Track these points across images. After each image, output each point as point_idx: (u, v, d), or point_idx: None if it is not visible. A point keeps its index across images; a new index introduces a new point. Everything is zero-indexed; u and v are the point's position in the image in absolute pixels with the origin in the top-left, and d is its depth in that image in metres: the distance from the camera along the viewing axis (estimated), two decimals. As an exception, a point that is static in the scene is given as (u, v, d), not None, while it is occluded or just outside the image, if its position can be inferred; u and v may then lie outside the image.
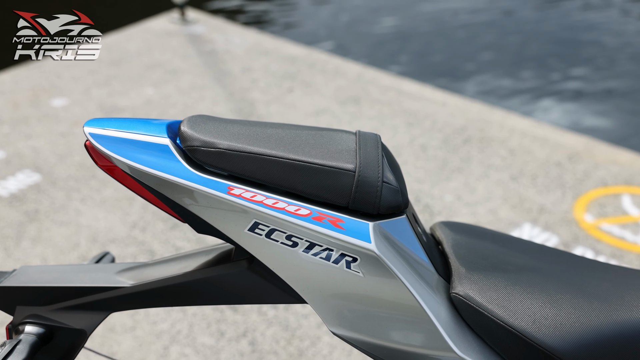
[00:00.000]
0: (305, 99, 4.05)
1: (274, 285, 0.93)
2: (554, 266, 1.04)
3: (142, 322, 2.42)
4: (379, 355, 0.91)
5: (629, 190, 3.19)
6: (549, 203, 3.10)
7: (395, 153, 3.47)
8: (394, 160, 0.98)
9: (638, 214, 3.03)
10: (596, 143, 3.62)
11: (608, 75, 5.17)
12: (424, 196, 3.14)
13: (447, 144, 3.57)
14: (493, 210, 3.06)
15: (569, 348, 0.87)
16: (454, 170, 3.34)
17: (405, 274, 0.86)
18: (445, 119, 3.81)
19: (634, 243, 2.86)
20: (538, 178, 3.28)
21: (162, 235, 2.85)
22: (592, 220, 2.99)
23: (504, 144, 3.56)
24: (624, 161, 3.42)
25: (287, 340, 2.36)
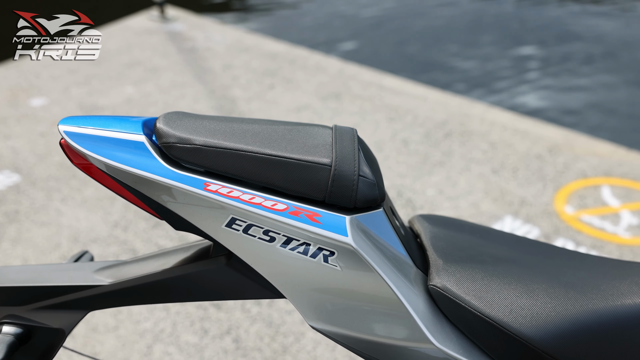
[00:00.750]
0: (287, 95, 4.05)
1: (253, 281, 0.93)
2: (531, 257, 1.04)
3: (125, 321, 2.41)
4: (358, 348, 0.91)
5: (608, 182, 3.22)
6: (529, 195, 3.12)
7: (377, 148, 3.48)
8: (370, 153, 0.98)
9: (617, 205, 3.06)
10: (576, 135, 3.65)
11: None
12: (406, 191, 3.15)
13: (428, 138, 3.58)
14: (475, 204, 3.07)
15: (546, 337, 0.88)
16: (436, 165, 3.36)
17: (383, 267, 0.87)
18: (427, 113, 3.83)
19: (613, 234, 2.89)
20: (519, 171, 3.30)
21: (144, 234, 2.83)
22: (572, 212, 3.01)
23: (485, 138, 3.58)
24: (603, 153, 3.45)
25: (271, 336, 2.36)
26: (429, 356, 0.89)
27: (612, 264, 1.08)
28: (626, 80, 4.96)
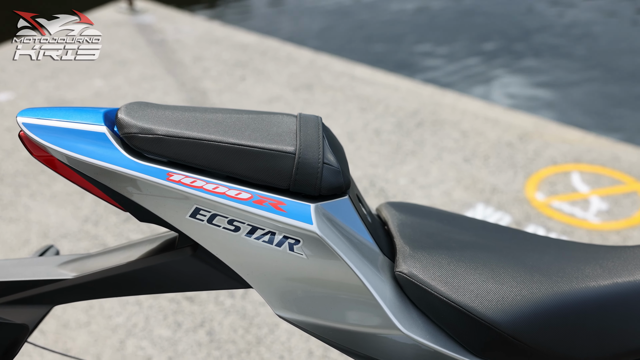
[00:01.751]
0: (258, 86, 4.03)
1: (219, 271, 0.92)
2: (498, 242, 1.05)
3: (97, 316, 2.39)
4: (326, 336, 0.91)
5: (578, 168, 3.25)
6: (501, 183, 3.14)
7: (349, 138, 3.48)
8: (336, 141, 0.98)
9: (587, 191, 3.09)
10: (546, 122, 3.68)
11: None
12: (379, 180, 3.16)
13: (400, 127, 3.58)
14: (447, 192, 3.09)
15: (512, 321, 0.88)
16: (408, 154, 3.37)
17: (349, 254, 0.86)
18: (398, 103, 3.83)
19: (583, 219, 2.92)
20: (490, 159, 3.32)
21: (115, 228, 2.81)
22: (543, 199, 3.04)
23: (457, 126, 3.59)
24: (573, 139, 3.48)
25: (245, 328, 2.36)
26: (396, 342, 0.89)
27: (577, 248, 1.09)
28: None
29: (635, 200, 3.03)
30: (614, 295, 0.95)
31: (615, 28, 5.70)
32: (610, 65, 4.98)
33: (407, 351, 0.90)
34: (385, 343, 0.89)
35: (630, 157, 3.32)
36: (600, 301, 0.94)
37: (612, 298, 0.95)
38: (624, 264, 1.01)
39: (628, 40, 5.45)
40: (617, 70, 4.90)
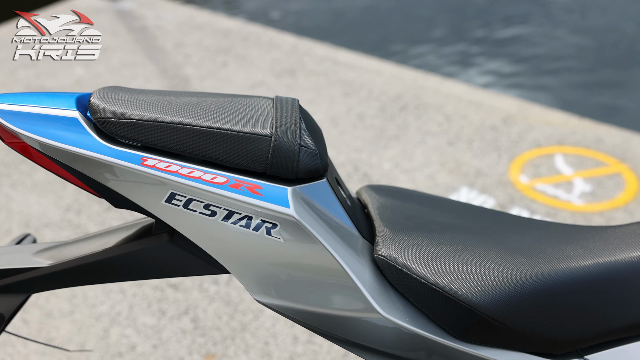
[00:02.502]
0: (240, 72, 4.00)
1: (196, 257, 0.91)
2: (478, 224, 1.04)
3: (81, 305, 2.37)
4: (305, 320, 0.90)
5: (561, 150, 3.26)
6: (485, 166, 3.14)
7: (333, 123, 3.47)
8: (314, 124, 0.97)
9: (570, 173, 3.10)
10: (529, 105, 3.68)
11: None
12: (363, 165, 3.15)
13: (383, 112, 3.57)
14: (431, 176, 3.08)
15: (492, 302, 0.88)
16: (392, 138, 3.36)
17: (327, 238, 0.86)
18: (381, 87, 3.82)
19: (567, 201, 2.93)
20: (474, 142, 3.32)
21: (97, 217, 2.78)
22: (526, 181, 3.04)
23: (440, 110, 3.59)
24: (556, 122, 3.49)
25: (229, 315, 2.35)
26: (376, 325, 0.88)
27: (559, 228, 1.09)
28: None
29: (619, 181, 3.04)
30: (595, 276, 0.95)
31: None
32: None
33: (388, 334, 0.89)
34: (365, 327, 0.89)
35: (613, 139, 3.33)
36: (581, 282, 0.94)
37: (593, 278, 0.94)
38: (605, 244, 1.01)
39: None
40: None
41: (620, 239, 1.02)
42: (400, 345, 0.90)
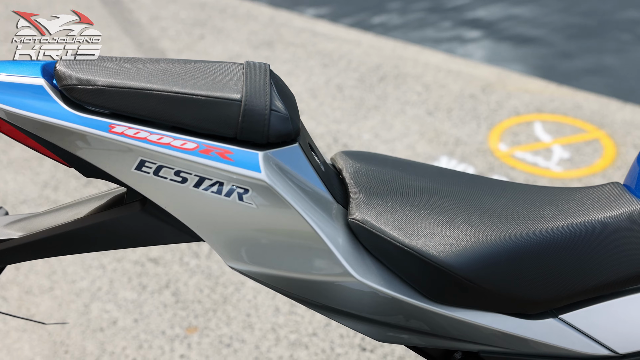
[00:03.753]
0: (218, 45, 3.96)
1: (169, 225, 0.90)
2: (453, 187, 1.04)
3: (60, 281, 2.36)
4: (280, 286, 0.90)
5: (540, 118, 3.27)
6: (464, 135, 3.15)
7: (312, 95, 3.45)
8: (286, 88, 0.96)
9: (549, 140, 3.11)
10: (508, 73, 3.68)
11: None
12: (342, 136, 3.14)
13: (363, 82, 3.56)
14: (410, 146, 3.08)
15: (466, 264, 0.88)
16: (371, 109, 3.35)
17: (299, 202, 0.85)
18: (360, 58, 3.80)
19: (546, 168, 2.94)
20: (453, 111, 3.32)
21: (75, 192, 2.76)
22: (506, 149, 3.05)
23: (419, 80, 3.58)
24: (535, 89, 3.49)
25: (210, 288, 2.35)
26: (351, 289, 0.88)
27: (533, 190, 1.09)
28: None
29: (597, 147, 3.06)
30: (568, 236, 0.95)
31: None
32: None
33: (363, 298, 0.89)
34: (340, 291, 0.89)
35: (591, 105, 3.34)
36: (555, 242, 0.94)
37: (567, 238, 0.95)
38: (580, 204, 1.01)
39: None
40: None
41: (594, 200, 1.02)
42: (376, 308, 0.90)
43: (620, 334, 0.94)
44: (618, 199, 1.01)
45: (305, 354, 2.12)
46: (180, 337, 2.17)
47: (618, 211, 0.98)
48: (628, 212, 0.98)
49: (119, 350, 2.11)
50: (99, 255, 2.45)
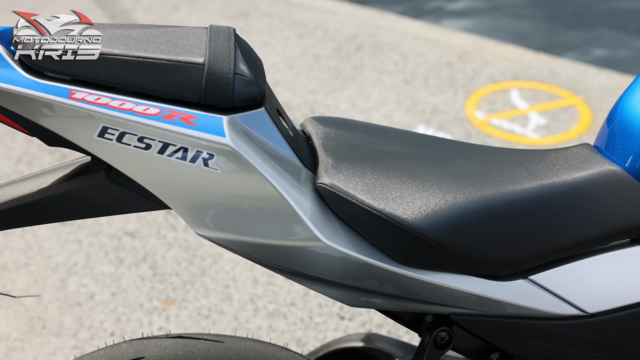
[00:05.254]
0: (192, 16, 3.91)
1: (135, 193, 0.89)
2: (423, 151, 1.04)
3: (36, 257, 2.34)
4: (249, 252, 0.89)
5: (517, 85, 3.27)
6: (441, 103, 3.14)
7: (288, 65, 3.42)
8: (252, 53, 0.94)
9: (526, 107, 3.11)
10: (485, 41, 3.67)
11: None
12: (319, 106, 3.13)
13: (339, 52, 3.53)
14: (387, 115, 3.08)
15: (435, 226, 0.88)
16: (348, 79, 3.33)
17: (266, 167, 0.84)
18: (337, 27, 3.77)
19: (522, 135, 2.95)
20: (430, 79, 3.31)
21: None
22: (482, 117, 3.05)
23: (396, 49, 3.56)
24: (512, 57, 3.49)
25: (188, 260, 2.34)
26: (320, 254, 0.88)
27: (505, 153, 1.09)
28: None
29: (573, 114, 3.07)
30: (538, 197, 0.95)
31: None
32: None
33: (333, 263, 0.89)
34: (309, 256, 0.88)
35: (568, 72, 3.35)
36: (524, 203, 0.94)
37: (536, 200, 0.95)
38: (550, 166, 1.01)
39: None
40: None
41: (564, 161, 1.02)
42: (346, 273, 0.90)
43: (589, 293, 0.95)
44: (588, 160, 1.01)
45: (284, 323, 2.13)
46: (158, 309, 2.17)
47: (587, 172, 0.98)
48: (597, 172, 0.98)
49: (96, 324, 2.11)
50: (75, 230, 2.43)
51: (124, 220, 2.47)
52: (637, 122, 0.99)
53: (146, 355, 1.05)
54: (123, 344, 1.09)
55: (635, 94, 1.02)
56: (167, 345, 1.08)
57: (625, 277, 0.95)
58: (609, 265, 0.95)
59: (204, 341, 1.09)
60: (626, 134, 0.99)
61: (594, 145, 1.07)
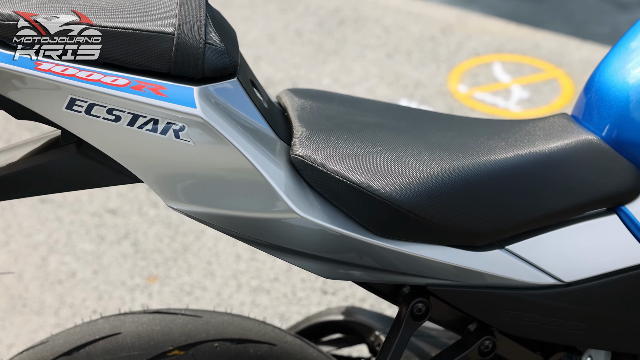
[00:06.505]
0: (173, -9, 3.86)
1: (107, 166, 0.87)
2: (400, 122, 1.03)
3: (16, 235, 2.32)
4: (223, 225, 0.88)
5: (499, 58, 3.26)
6: (424, 77, 3.13)
7: (270, 40, 3.39)
8: (224, 23, 0.92)
9: (508, 80, 3.11)
10: (468, 14, 3.65)
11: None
12: (301, 81, 3.10)
13: (321, 27, 3.50)
14: (370, 89, 3.06)
15: (410, 196, 0.87)
16: (330, 53, 3.31)
17: (238, 138, 0.82)
18: (319, 1, 3.73)
19: (505, 109, 2.95)
20: (413, 53, 3.29)
21: (29, 145, 2.70)
22: (465, 90, 3.05)
23: (379, 23, 3.53)
24: (495, 30, 3.47)
25: (170, 237, 2.33)
26: (295, 226, 0.87)
27: (482, 123, 1.08)
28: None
29: (555, 86, 3.07)
30: (514, 167, 0.94)
31: None
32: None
33: (308, 235, 0.88)
34: (283, 228, 0.87)
35: (550, 45, 3.34)
36: (501, 173, 0.94)
37: (513, 170, 0.94)
38: (527, 136, 1.01)
39: None
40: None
41: (541, 131, 1.02)
42: (322, 245, 0.89)
43: (566, 262, 0.95)
44: (565, 129, 1.01)
45: (267, 299, 2.13)
46: (140, 286, 2.16)
47: (564, 141, 0.98)
48: (574, 142, 0.97)
49: (78, 302, 2.10)
50: (56, 208, 2.41)
51: (105, 198, 2.45)
52: (614, 91, 0.98)
53: (123, 331, 1.05)
54: (100, 320, 1.09)
55: (612, 63, 1.02)
56: (144, 320, 1.07)
57: (601, 246, 0.95)
58: (585, 235, 0.95)
59: (181, 316, 1.09)
60: (603, 103, 0.99)
61: (572, 115, 1.07)
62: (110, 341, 1.03)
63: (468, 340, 1.01)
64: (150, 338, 1.04)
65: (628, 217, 0.95)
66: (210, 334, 1.06)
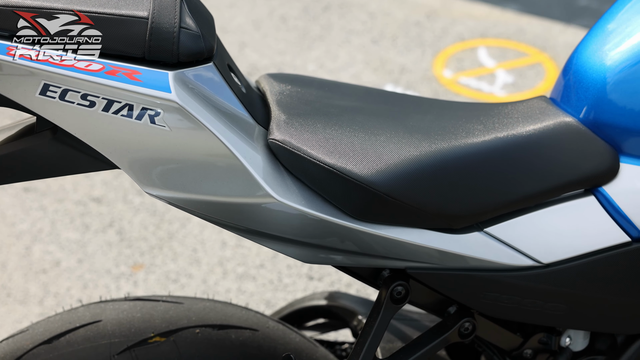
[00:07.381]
0: (156, -22, 3.83)
1: (82, 153, 0.87)
2: (379, 106, 1.02)
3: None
4: (201, 211, 0.88)
5: (484, 43, 3.25)
6: (409, 62, 3.13)
7: (255, 26, 3.37)
8: (201, 7, 0.92)
9: (493, 65, 3.11)
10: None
11: None
12: (287, 67, 3.09)
13: (306, 13, 3.49)
14: (356, 75, 3.05)
15: (388, 179, 0.87)
16: (315, 39, 3.29)
17: (214, 123, 0.82)
18: (304, -13, 3.72)
19: (490, 93, 2.95)
20: (398, 39, 3.29)
21: (12, 134, 2.68)
22: (450, 75, 3.05)
23: (364, 8, 3.52)
24: (480, 15, 3.47)
25: (156, 225, 2.32)
26: (272, 211, 0.86)
27: (461, 107, 1.08)
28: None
29: (539, 71, 3.07)
30: (492, 150, 0.94)
31: None
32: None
33: (286, 220, 0.88)
34: (262, 213, 0.87)
35: (534, 29, 3.34)
36: (479, 156, 0.94)
37: (491, 152, 0.94)
38: (505, 118, 1.01)
39: None
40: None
41: (520, 113, 1.02)
42: (301, 230, 0.89)
43: (544, 244, 0.95)
44: (543, 111, 1.01)
45: (253, 285, 2.13)
46: (126, 275, 2.16)
47: (542, 124, 0.98)
48: (552, 124, 0.98)
49: (63, 291, 2.09)
50: (39, 197, 2.40)
51: (89, 186, 2.44)
52: (591, 73, 0.98)
53: (104, 319, 1.04)
54: (80, 307, 1.08)
55: (589, 46, 1.02)
56: (125, 308, 1.07)
57: (579, 228, 0.96)
58: (562, 216, 0.96)
59: (162, 303, 1.09)
60: (580, 85, 0.99)
61: (550, 98, 1.07)
62: (90, 329, 1.03)
63: (448, 323, 1.02)
64: (131, 325, 1.04)
65: (605, 198, 0.96)
66: (192, 320, 1.06)
